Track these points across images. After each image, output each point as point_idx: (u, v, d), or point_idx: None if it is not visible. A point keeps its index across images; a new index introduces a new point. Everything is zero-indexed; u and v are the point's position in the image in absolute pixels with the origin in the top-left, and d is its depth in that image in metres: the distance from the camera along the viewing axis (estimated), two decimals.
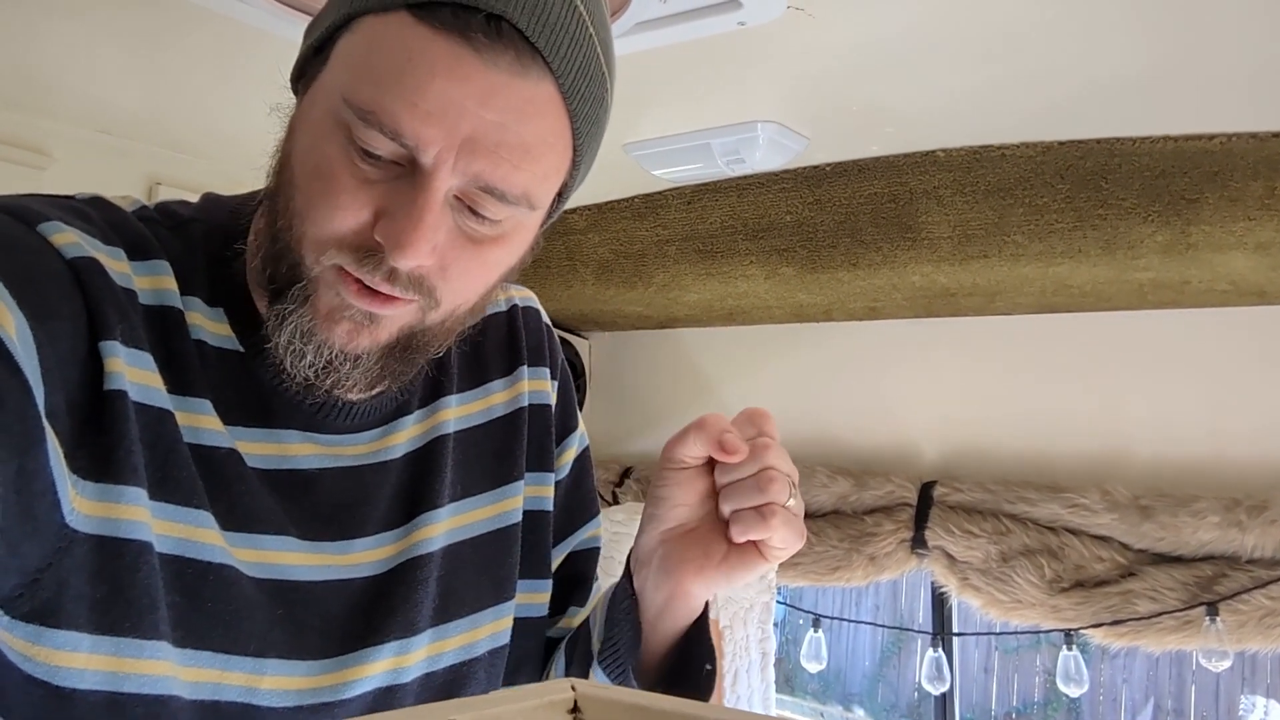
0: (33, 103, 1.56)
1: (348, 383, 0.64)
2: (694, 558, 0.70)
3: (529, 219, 0.65)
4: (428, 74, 0.56)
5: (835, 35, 1.24)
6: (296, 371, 0.63)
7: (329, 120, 0.59)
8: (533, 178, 0.60)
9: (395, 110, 0.56)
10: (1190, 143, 1.41)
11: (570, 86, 0.60)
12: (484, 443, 0.80)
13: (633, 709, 0.35)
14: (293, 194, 0.61)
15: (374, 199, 0.59)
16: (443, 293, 0.62)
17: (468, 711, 0.32)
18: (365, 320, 0.62)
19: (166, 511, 0.59)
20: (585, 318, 2.61)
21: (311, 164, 0.60)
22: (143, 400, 0.59)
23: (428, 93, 0.56)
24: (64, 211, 0.61)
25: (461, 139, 0.57)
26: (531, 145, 0.59)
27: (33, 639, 0.54)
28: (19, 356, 0.51)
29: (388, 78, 0.56)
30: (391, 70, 0.56)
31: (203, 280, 0.66)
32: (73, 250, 0.58)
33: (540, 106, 0.59)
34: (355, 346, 0.63)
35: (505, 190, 0.59)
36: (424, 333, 0.65)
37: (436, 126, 0.56)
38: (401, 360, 0.66)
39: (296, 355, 0.62)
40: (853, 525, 2.15)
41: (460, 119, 0.56)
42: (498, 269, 0.65)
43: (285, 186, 0.62)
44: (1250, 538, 1.71)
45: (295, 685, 0.64)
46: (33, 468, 0.52)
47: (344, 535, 0.69)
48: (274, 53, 1.33)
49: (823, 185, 1.77)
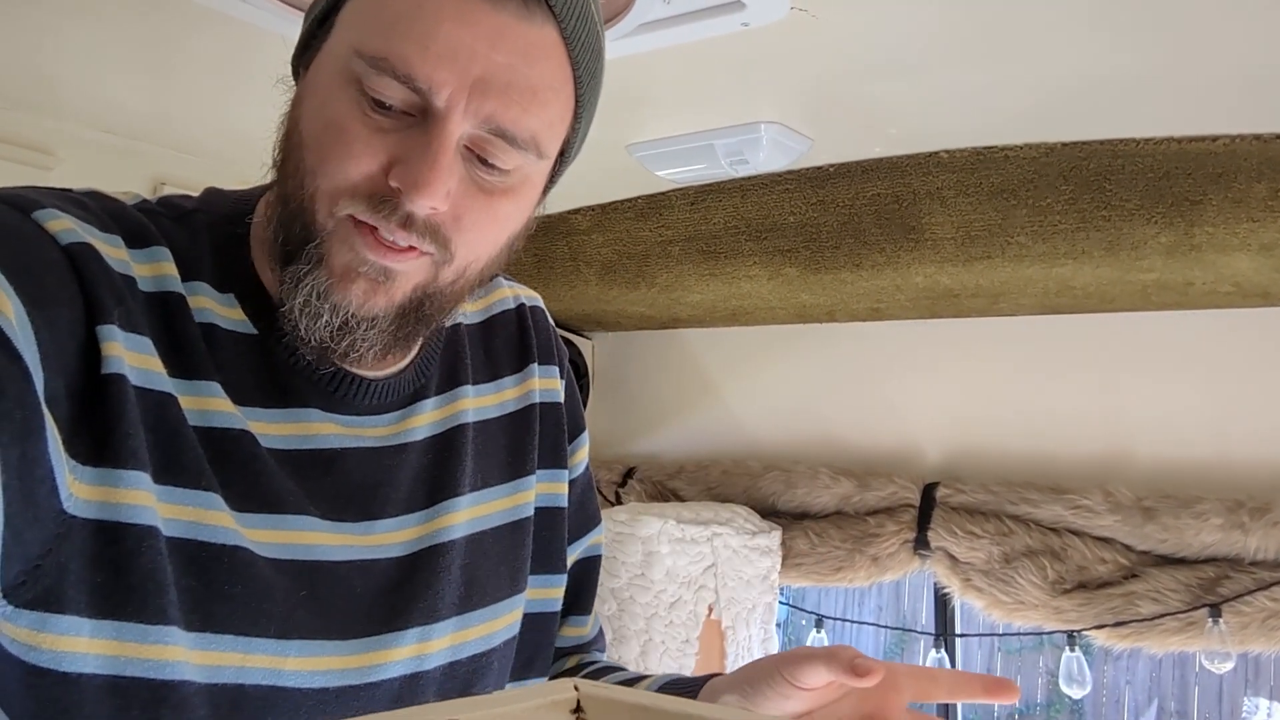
0: (38, 102, 1.56)
1: (363, 345, 0.64)
2: None
3: (535, 171, 0.66)
4: (436, 18, 0.57)
5: (839, 36, 1.24)
6: (311, 334, 0.63)
7: (339, 77, 0.60)
8: (540, 122, 0.62)
9: (407, 54, 0.57)
10: (1194, 144, 1.41)
11: (572, 33, 0.62)
12: (499, 436, 0.80)
13: (635, 709, 0.35)
14: (303, 155, 0.62)
15: (387, 147, 0.60)
16: (456, 244, 0.63)
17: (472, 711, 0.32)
18: (381, 277, 0.62)
19: (173, 495, 0.59)
20: (588, 318, 2.61)
21: (322, 121, 0.61)
22: (143, 384, 0.59)
23: (437, 36, 0.57)
24: (60, 200, 0.61)
25: (473, 80, 0.58)
26: (539, 89, 0.61)
27: (36, 626, 0.54)
28: (18, 343, 0.51)
29: (398, 24, 0.58)
30: (401, 17, 0.58)
31: (209, 267, 0.67)
32: (68, 236, 0.58)
33: (546, 50, 0.61)
34: (371, 306, 0.63)
35: (516, 133, 0.61)
36: (437, 293, 0.66)
37: (448, 69, 0.58)
38: (415, 323, 0.66)
39: (313, 316, 0.62)
40: (855, 526, 2.14)
41: (471, 61, 0.58)
42: (508, 224, 0.66)
43: (294, 150, 0.63)
44: (1253, 540, 1.71)
45: (322, 666, 0.64)
46: (34, 454, 0.52)
47: (366, 516, 0.69)
48: (279, 53, 1.33)
49: (826, 186, 1.77)
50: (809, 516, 2.24)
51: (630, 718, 0.35)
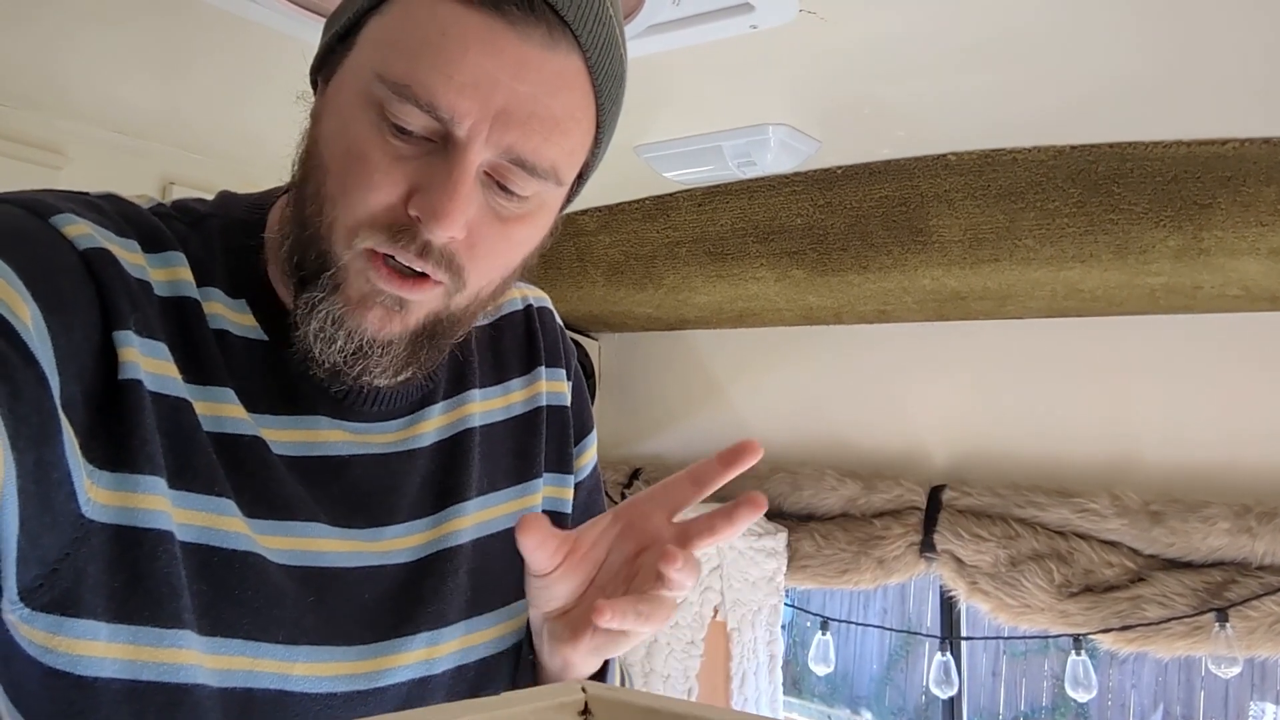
0: (48, 102, 1.57)
1: (376, 369, 0.65)
2: (571, 637, 0.68)
3: (552, 197, 0.66)
4: (462, 47, 0.57)
5: (847, 38, 1.24)
6: (325, 358, 0.63)
7: (360, 99, 0.60)
8: (560, 151, 0.61)
9: (430, 83, 0.57)
10: (1203, 147, 1.41)
11: (596, 62, 0.61)
12: (505, 440, 0.80)
13: (643, 711, 0.35)
14: (323, 179, 0.62)
15: (407, 175, 0.60)
16: (470, 272, 0.63)
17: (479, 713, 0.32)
18: (395, 306, 0.63)
19: (187, 500, 0.60)
20: (595, 319, 2.61)
21: (342, 146, 0.61)
22: (158, 389, 0.59)
23: (463, 65, 0.57)
24: (77, 204, 0.61)
25: (495, 111, 0.58)
26: (560, 119, 0.60)
27: (53, 629, 0.55)
28: (35, 347, 0.52)
29: (422, 51, 0.57)
30: (426, 44, 0.57)
31: (222, 273, 0.67)
32: (85, 241, 0.58)
33: (569, 80, 0.60)
34: (386, 333, 0.63)
35: (535, 163, 0.60)
36: (449, 318, 0.66)
37: (471, 99, 0.57)
38: (428, 347, 0.67)
39: (327, 341, 0.63)
40: (861, 528, 2.14)
41: (494, 91, 0.57)
42: (522, 249, 0.66)
43: (314, 172, 0.63)
44: (1261, 544, 1.71)
45: (329, 672, 0.64)
46: (50, 458, 0.52)
47: (374, 522, 0.69)
48: (288, 54, 1.34)
49: (833, 188, 1.77)
50: (815, 518, 2.24)
51: (638, 718, 0.35)
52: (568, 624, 0.67)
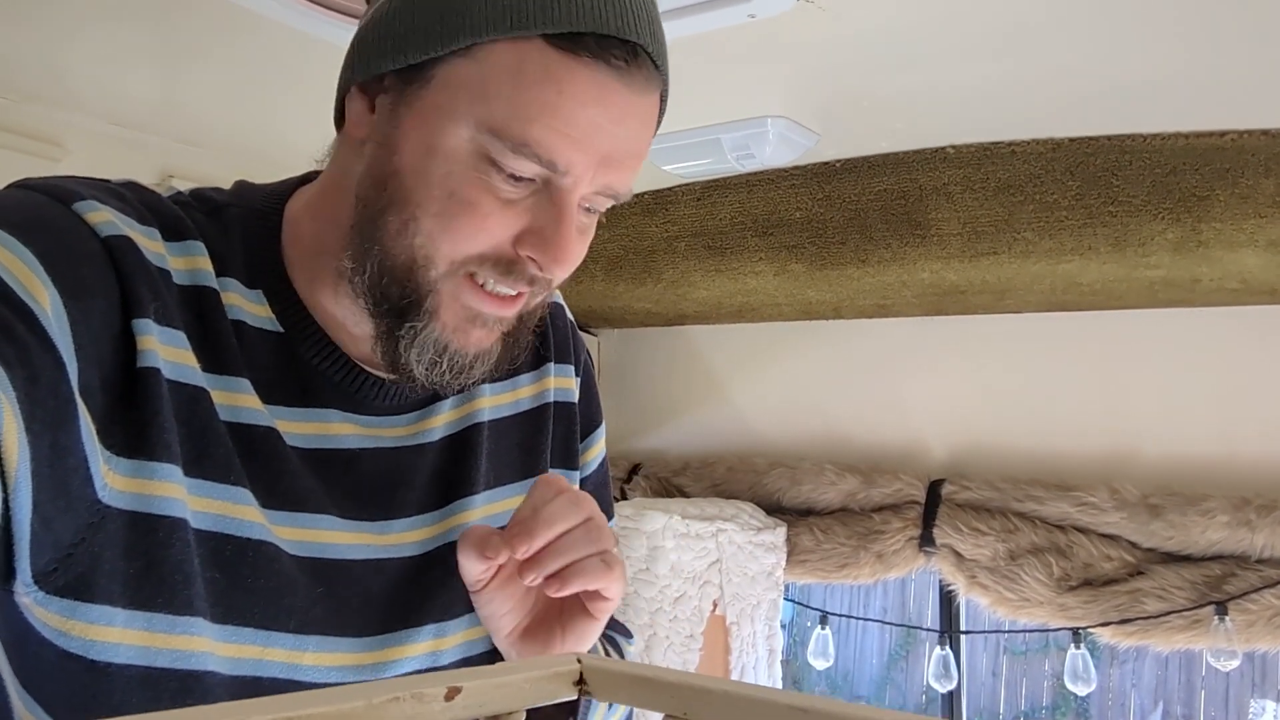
0: (46, 95, 1.57)
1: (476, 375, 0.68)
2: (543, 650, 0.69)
3: None
4: (577, 104, 0.59)
5: (846, 29, 1.24)
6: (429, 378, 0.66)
7: (464, 147, 0.61)
8: (635, 175, 0.66)
9: (550, 142, 0.59)
10: (1201, 140, 1.41)
11: (666, 92, 0.66)
12: (512, 435, 0.81)
13: (636, 680, 0.35)
14: (416, 213, 0.62)
15: (518, 217, 0.62)
16: (555, 280, 0.67)
17: (473, 680, 0.33)
18: (495, 324, 0.66)
19: (203, 488, 0.60)
20: (594, 314, 2.61)
21: (445, 189, 0.61)
22: (176, 378, 0.60)
23: (578, 122, 0.60)
24: (99, 191, 0.62)
25: (600, 156, 0.62)
26: (643, 150, 0.65)
27: (67, 613, 0.55)
28: (53, 332, 0.52)
29: (541, 110, 0.59)
30: (544, 103, 0.59)
31: (240, 263, 0.67)
32: (107, 229, 0.58)
33: (652, 113, 0.65)
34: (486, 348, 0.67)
35: (623, 193, 0.65)
36: (530, 315, 0.70)
37: (583, 150, 0.61)
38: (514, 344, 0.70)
39: (429, 365, 0.65)
40: (860, 523, 2.15)
41: (600, 138, 0.61)
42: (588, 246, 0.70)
43: (401, 204, 0.63)
44: (1260, 537, 1.71)
45: (338, 662, 0.65)
46: (65, 443, 0.53)
47: (383, 515, 0.70)
48: (288, 47, 1.34)
49: (832, 181, 1.77)
50: (814, 513, 2.24)
51: (631, 688, 0.35)
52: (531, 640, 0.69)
